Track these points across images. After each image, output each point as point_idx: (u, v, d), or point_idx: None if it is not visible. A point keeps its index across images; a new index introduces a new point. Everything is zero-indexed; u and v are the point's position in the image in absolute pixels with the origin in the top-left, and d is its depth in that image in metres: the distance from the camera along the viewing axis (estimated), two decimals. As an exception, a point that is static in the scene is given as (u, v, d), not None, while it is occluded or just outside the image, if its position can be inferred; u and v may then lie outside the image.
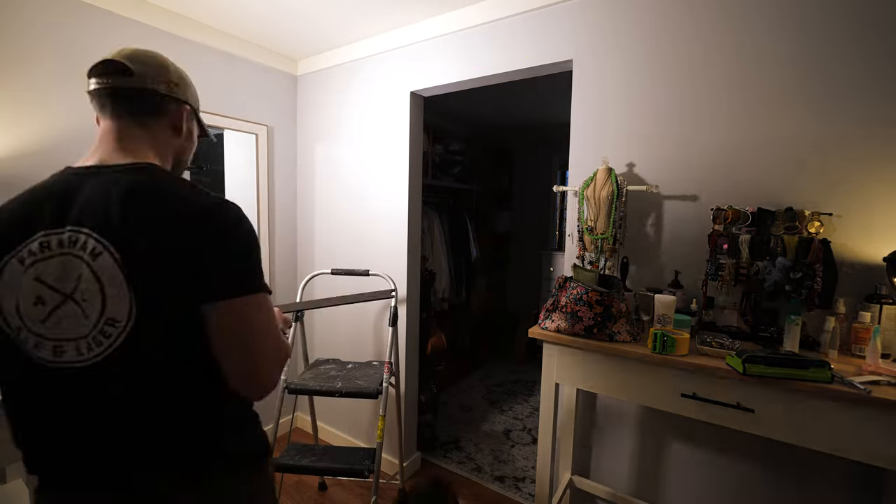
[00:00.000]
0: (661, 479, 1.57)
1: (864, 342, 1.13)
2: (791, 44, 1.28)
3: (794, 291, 1.21)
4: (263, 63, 2.32)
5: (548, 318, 1.36)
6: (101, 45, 1.72)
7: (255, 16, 1.94)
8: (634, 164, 1.55)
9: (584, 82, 1.63)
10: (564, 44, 1.66)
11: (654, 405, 1.20)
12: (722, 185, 1.40)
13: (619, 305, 1.29)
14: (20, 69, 1.53)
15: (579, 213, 1.56)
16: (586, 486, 1.70)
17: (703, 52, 1.41)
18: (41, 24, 1.57)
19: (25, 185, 0.72)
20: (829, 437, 0.99)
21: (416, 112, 2.13)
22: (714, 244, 1.35)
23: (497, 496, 2.12)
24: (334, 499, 2.08)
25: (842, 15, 1.22)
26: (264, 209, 2.40)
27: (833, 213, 1.24)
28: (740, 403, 1.07)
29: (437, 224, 3.45)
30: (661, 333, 1.16)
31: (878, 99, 1.18)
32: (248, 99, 2.28)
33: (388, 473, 2.24)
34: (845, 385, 0.97)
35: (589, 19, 1.60)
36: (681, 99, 1.46)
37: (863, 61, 1.20)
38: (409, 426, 2.26)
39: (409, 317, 2.19)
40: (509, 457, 2.46)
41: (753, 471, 1.41)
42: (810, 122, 1.27)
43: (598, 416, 1.69)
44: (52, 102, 1.61)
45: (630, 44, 1.53)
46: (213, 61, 2.11)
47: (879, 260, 1.18)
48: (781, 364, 1.02)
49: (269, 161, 2.42)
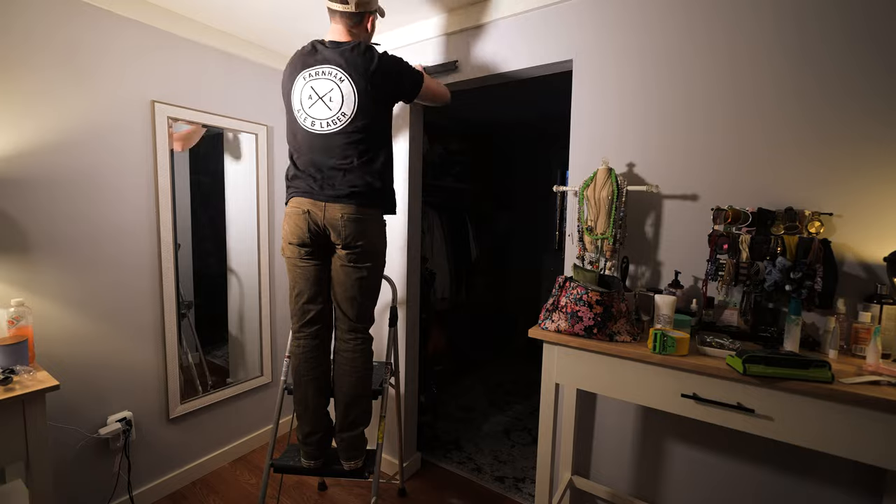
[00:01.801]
0: (661, 479, 1.57)
1: (865, 342, 1.13)
2: (790, 43, 1.28)
3: (794, 291, 1.21)
4: (263, 63, 2.32)
5: (548, 318, 1.36)
6: (101, 45, 1.72)
7: (255, 15, 1.94)
8: (634, 164, 1.55)
9: (584, 82, 1.64)
10: (564, 44, 1.66)
11: (654, 405, 1.20)
12: (722, 185, 1.40)
13: (619, 305, 1.29)
14: (20, 69, 1.53)
15: (579, 214, 1.56)
16: (586, 486, 1.70)
17: (702, 51, 1.41)
18: (41, 25, 1.57)
19: (26, 186, 0.72)
20: (830, 437, 0.99)
21: (416, 112, 2.13)
22: (714, 244, 1.35)
23: (497, 496, 2.12)
24: (334, 499, 2.08)
25: (838, 16, 1.22)
26: (264, 209, 2.40)
27: (833, 213, 1.24)
28: (740, 403, 1.07)
29: (437, 224, 3.45)
30: (661, 333, 1.16)
31: (877, 99, 1.18)
32: (248, 99, 2.28)
33: (388, 473, 2.24)
34: (845, 385, 0.97)
35: (589, 19, 1.61)
36: (681, 99, 1.46)
37: (860, 62, 1.20)
38: (409, 426, 2.26)
39: (408, 317, 2.19)
40: (509, 457, 2.46)
41: (753, 471, 1.41)
42: (810, 122, 1.27)
43: (598, 416, 1.69)
44: (52, 103, 1.61)
45: (630, 43, 1.53)
46: (213, 61, 2.11)
47: (879, 260, 1.18)
48: (782, 364, 1.02)
49: (270, 161, 2.42)
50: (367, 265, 1.58)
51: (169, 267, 1.99)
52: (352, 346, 1.62)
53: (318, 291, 1.61)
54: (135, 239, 1.88)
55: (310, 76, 1.52)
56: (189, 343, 2.27)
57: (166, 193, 1.95)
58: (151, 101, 1.88)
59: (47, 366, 1.60)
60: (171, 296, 2.00)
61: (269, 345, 2.49)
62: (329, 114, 1.50)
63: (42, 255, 1.62)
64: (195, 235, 2.51)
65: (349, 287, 1.58)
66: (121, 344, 1.86)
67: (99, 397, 1.80)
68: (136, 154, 1.86)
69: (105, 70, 1.74)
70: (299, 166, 1.55)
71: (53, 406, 1.61)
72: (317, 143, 1.52)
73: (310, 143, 1.53)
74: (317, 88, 1.51)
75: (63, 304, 1.68)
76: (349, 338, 1.62)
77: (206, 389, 2.25)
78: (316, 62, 1.52)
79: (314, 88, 1.51)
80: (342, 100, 1.50)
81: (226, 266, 2.46)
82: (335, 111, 1.50)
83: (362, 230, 1.54)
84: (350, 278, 1.57)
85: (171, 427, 2.07)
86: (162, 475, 2.04)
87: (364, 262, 1.57)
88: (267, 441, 2.51)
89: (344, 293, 1.59)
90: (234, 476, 2.22)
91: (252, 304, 2.45)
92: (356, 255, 1.55)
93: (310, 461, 1.61)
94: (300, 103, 1.53)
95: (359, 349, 1.63)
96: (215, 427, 2.27)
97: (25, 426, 1.23)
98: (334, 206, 1.50)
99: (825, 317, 1.26)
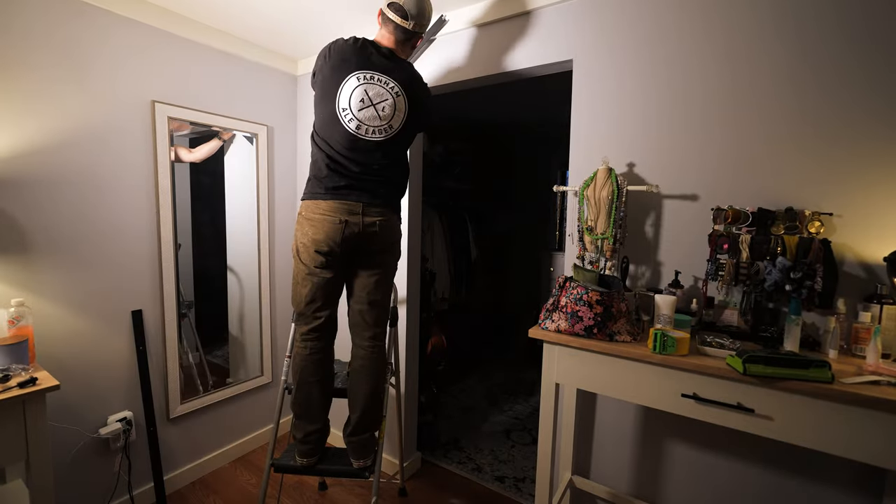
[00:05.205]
0: (661, 479, 1.57)
1: (865, 342, 1.13)
2: (789, 41, 1.28)
3: (794, 291, 1.21)
4: (263, 63, 2.32)
5: (548, 318, 1.36)
6: (101, 45, 1.72)
7: (255, 15, 1.94)
8: (634, 164, 1.55)
9: (585, 82, 1.64)
10: (564, 44, 1.66)
11: (654, 405, 1.20)
12: (722, 185, 1.40)
13: (620, 305, 1.29)
14: (20, 69, 1.53)
15: (579, 213, 1.56)
16: (586, 486, 1.71)
17: (702, 51, 1.41)
18: (41, 24, 1.57)
19: (26, 185, 0.72)
20: (830, 437, 0.99)
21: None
22: (714, 244, 1.35)
23: (497, 496, 2.12)
24: (334, 499, 2.08)
25: (837, 14, 1.22)
26: (264, 209, 2.40)
27: (833, 213, 1.24)
28: (740, 403, 1.07)
29: (437, 224, 3.45)
30: (662, 333, 1.16)
31: (877, 98, 1.18)
32: (248, 99, 2.29)
33: (388, 473, 2.24)
34: (845, 385, 0.97)
35: (589, 19, 1.61)
36: (681, 98, 1.46)
37: (860, 61, 1.20)
38: (410, 426, 2.26)
39: (409, 317, 2.19)
40: (509, 457, 2.46)
41: (753, 471, 1.41)
42: (809, 122, 1.27)
43: (598, 416, 1.69)
44: (52, 102, 1.61)
45: (630, 43, 1.53)
46: (213, 61, 2.11)
47: (879, 260, 1.18)
48: (782, 364, 1.02)
49: (269, 161, 2.42)
50: (389, 265, 1.65)
51: (169, 267, 1.99)
52: (370, 351, 1.61)
53: (332, 300, 1.60)
54: (135, 238, 1.88)
55: (366, 79, 1.48)
56: (189, 343, 2.27)
57: (167, 193, 1.95)
58: (152, 100, 1.88)
59: (47, 366, 1.60)
60: (171, 295, 2.00)
61: (270, 345, 2.49)
62: (379, 123, 1.49)
63: (42, 255, 1.62)
64: (195, 235, 2.51)
65: (374, 293, 1.60)
66: (121, 344, 1.86)
67: (99, 397, 1.81)
68: (137, 154, 1.86)
69: (105, 70, 1.74)
70: (333, 167, 1.50)
71: (53, 406, 1.61)
72: (359, 146, 1.49)
73: (351, 145, 1.49)
74: (371, 94, 1.48)
75: (63, 304, 1.68)
76: (368, 344, 1.61)
77: (207, 389, 2.25)
78: (373, 66, 1.49)
79: (367, 92, 1.47)
80: (393, 113, 1.50)
81: (226, 266, 2.47)
82: (384, 122, 1.49)
83: (394, 239, 1.63)
84: (378, 284, 1.60)
85: (172, 427, 2.07)
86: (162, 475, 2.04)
87: (389, 268, 1.65)
88: (267, 441, 2.51)
89: (368, 298, 1.60)
90: (234, 476, 2.22)
91: (252, 303, 2.45)
92: (387, 261, 1.62)
93: (303, 459, 1.60)
94: (349, 103, 1.47)
95: (378, 354, 1.63)
96: (215, 427, 2.27)
97: (26, 426, 1.23)
98: (372, 211, 1.52)
99: (825, 317, 1.26)
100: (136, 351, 1.89)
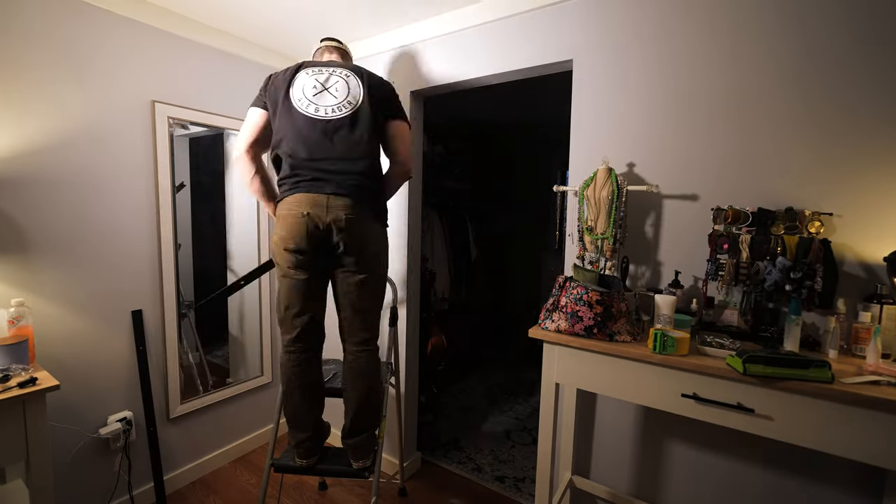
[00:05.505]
0: (661, 479, 1.57)
1: (865, 342, 1.13)
2: (794, 42, 1.28)
3: (794, 291, 1.21)
4: (263, 63, 2.32)
5: (548, 318, 1.36)
6: (101, 44, 1.72)
7: (255, 15, 1.94)
8: (634, 164, 1.55)
9: (585, 82, 1.63)
10: (564, 44, 1.66)
11: (654, 405, 1.20)
12: (722, 185, 1.40)
13: (620, 305, 1.29)
14: (20, 69, 1.53)
15: (579, 213, 1.56)
16: (586, 486, 1.71)
17: (702, 51, 1.41)
18: (40, 24, 1.57)
19: (26, 185, 0.72)
20: (830, 437, 0.99)
21: (417, 112, 2.13)
22: (714, 244, 1.35)
23: (497, 496, 2.12)
24: (334, 499, 2.08)
25: (840, 15, 1.22)
26: (264, 208, 2.40)
27: (833, 213, 1.24)
28: (740, 403, 1.07)
29: (437, 224, 3.45)
30: (662, 333, 1.16)
31: (878, 98, 1.18)
32: (248, 99, 2.26)
33: (388, 473, 2.24)
34: (845, 385, 0.97)
35: (589, 19, 1.61)
36: (681, 98, 1.46)
37: (862, 60, 1.20)
38: (409, 426, 2.26)
39: (409, 317, 2.19)
40: (509, 457, 2.46)
41: (753, 471, 1.41)
42: (810, 122, 1.27)
43: (598, 416, 1.69)
44: (51, 102, 1.61)
45: (630, 43, 1.53)
46: (212, 61, 2.11)
47: (879, 260, 1.18)
48: (782, 364, 1.02)
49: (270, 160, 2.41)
50: (372, 271, 1.52)
51: (169, 267, 1.99)
52: (357, 356, 1.56)
53: (309, 305, 1.50)
54: (135, 238, 1.88)
55: (314, 72, 1.53)
56: (189, 343, 2.27)
57: (167, 193, 1.95)
58: (151, 100, 1.88)
59: (47, 366, 1.60)
60: (171, 295, 2.00)
61: (270, 345, 2.49)
62: (335, 101, 1.49)
63: (42, 255, 1.62)
64: (195, 235, 2.51)
65: (355, 297, 1.50)
66: (121, 344, 1.86)
67: (99, 397, 1.80)
68: (137, 154, 1.86)
69: (104, 70, 1.74)
70: (295, 163, 1.45)
71: (53, 406, 1.61)
72: (318, 128, 1.45)
73: (310, 129, 1.44)
74: (322, 80, 1.51)
75: (63, 304, 1.68)
76: (356, 349, 1.56)
77: (207, 389, 2.25)
78: (318, 64, 1.55)
79: (318, 80, 1.51)
80: (348, 91, 1.51)
81: (226, 266, 2.47)
82: (341, 99, 1.49)
83: (367, 233, 1.48)
84: (355, 286, 1.49)
85: (172, 427, 2.07)
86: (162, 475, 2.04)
87: (368, 268, 1.50)
88: (267, 441, 2.51)
89: (350, 304, 1.51)
90: (234, 476, 2.22)
91: (252, 304, 2.45)
92: (360, 260, 1.47)
93: (303, 460, 1.59)
94: (302, 93, 1.48)
95: (367, 359, 1.57)
96: (215, 427, 2.27)
97: (26, 426, 1.23)
98: (337, 204, 1.41)
99: (825, 317, 1.26)
100: (136, 351, 1.89)
